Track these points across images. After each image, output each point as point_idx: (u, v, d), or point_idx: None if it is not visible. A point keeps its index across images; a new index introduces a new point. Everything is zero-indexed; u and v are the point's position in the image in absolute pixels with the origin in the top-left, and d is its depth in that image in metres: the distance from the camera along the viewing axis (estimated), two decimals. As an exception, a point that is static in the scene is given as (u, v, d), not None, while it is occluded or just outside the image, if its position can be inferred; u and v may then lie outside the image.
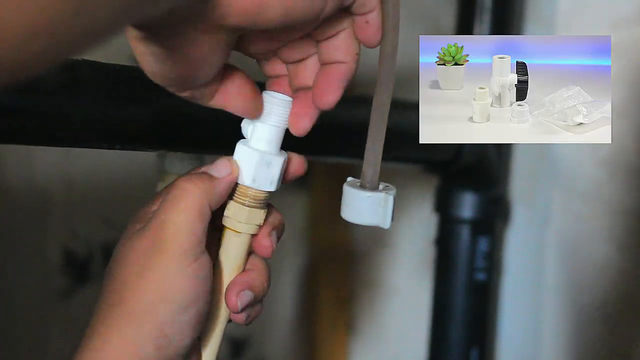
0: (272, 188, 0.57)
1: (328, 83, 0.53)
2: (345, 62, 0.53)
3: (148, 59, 0.48)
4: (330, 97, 0.53)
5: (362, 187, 0.57)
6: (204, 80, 0.51)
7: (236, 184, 0.56)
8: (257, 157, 0.55)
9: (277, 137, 0.56)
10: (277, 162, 0.56)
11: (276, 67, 0.56)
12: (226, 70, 0.52)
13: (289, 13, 0.47)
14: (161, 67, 0.49)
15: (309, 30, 0.52)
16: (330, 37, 0.53)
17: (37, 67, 0.36)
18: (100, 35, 0.38)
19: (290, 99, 0.55)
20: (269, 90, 0.56)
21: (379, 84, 0.54)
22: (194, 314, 0.53)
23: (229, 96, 0.53)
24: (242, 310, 0.57)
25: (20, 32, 0.33)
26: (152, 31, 0.47)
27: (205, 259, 0.54)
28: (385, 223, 0.57)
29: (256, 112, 0.55)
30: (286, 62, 0.56)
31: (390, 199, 0.57)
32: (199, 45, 0.48)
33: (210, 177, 0.55)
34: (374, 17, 0.51)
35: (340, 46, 0.53)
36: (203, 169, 0.56)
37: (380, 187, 0.58)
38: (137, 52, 0.49)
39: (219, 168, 0.55)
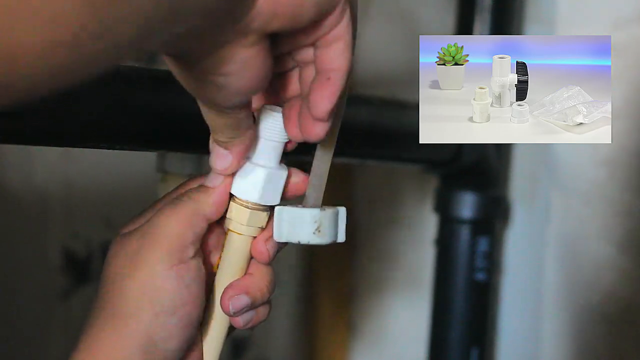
0: (270, 202, 0.56)
1: (324, 91, 0.50)
2: (340, 70, 0.50)
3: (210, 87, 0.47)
4: (326, 104, 0.50)
5: (304, 206, 0.56)
6: (255, 90, 0.49)
7: None
8: (251, 171, 0.55)
9: (274, 151, 0.55)
10: (274, 176, 0.55)
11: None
12: None
13: (320, 8, 0.46)
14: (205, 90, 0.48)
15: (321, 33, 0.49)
16: (330, 43, 0.50)
17: (56, 84, 0.35)
18: (123, 53, 0.37)
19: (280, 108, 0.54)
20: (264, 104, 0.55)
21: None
22: (181, 318, 0.53)
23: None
24: (235, 314, 0.56)
25: (40, 46, 0.33)
26: (188, 60, 0.45)
27: (193, 264, 0.54)
28: (338, 238, 0.58)
29: None
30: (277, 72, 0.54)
31: (323, 215, 0.56)
32: (239, 57, 0.45)
33: (205, 187, 0.55)
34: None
35: (337, 54, 0.50)
36: (198, 181, 0.56)
37: (324, 207, 0.57)
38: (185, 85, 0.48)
39: (212, 178, 0.55)
